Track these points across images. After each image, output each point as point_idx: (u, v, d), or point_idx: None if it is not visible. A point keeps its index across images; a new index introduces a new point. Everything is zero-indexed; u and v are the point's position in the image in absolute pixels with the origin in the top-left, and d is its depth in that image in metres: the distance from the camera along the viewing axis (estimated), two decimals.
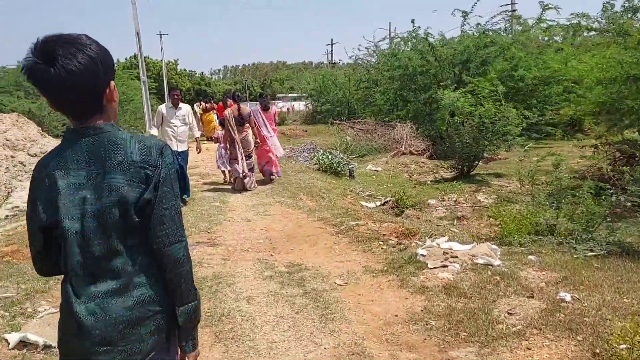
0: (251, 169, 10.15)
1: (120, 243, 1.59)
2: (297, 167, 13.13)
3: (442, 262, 5.16)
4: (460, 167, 12.97)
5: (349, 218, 7.56)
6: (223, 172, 11.00)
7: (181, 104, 8.87)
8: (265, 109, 10.85)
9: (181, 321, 1.68)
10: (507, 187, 11.91)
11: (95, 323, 1.55)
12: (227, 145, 9.98)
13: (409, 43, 19.10)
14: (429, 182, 13.10)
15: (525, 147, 12.27)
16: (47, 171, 1.59)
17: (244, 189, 9.97)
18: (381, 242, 6.31)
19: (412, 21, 18.55)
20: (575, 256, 5.33)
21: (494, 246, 5.52)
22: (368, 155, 16.63)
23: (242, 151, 9.78)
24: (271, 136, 10.69)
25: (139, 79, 29.47)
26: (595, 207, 6.32)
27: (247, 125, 9.96)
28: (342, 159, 13.21)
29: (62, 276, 1.67)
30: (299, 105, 43.38)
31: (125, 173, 1.56)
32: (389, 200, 10.16)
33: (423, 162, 15.33)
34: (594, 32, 11.46)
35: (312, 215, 7.99)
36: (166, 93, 53.80)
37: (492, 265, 5.02)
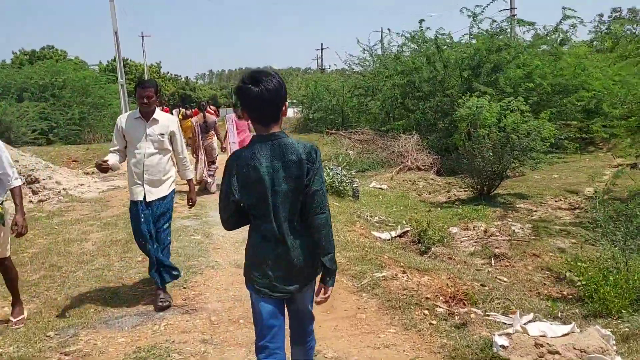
0: (212, 175, 10.78)
1: (293, 211, 2.45)
2: None
3: None
4: (479, 186, 11.22)
5: (372, 266, 5.72)
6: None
7: (158, 112, 4.76)
8: (240, 117, 10.84)
9: (326, 264, 2.49)
10: (536, 211, 10.20)
11: (281, 260, 2.50)
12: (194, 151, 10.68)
13: (412, 45, 17.32)
14: (443, 203, 11.35)
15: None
16: (245, 163, 2.40)
17: (205, 189, 10.58)
18: (426, 311, 4.49)
19: (420, 21, 16.83)
20: None
21: (606, 331, 3.73)
22: (369, 169, 14.82)
23: (205, 157, 10.61)
24: (233, 142, 10.69)
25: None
26: None
27: (212, 132, 10.79)
28: (345, 176, 11.41)
29: None
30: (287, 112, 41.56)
31: (299, 168, 2.39)
32: (407, 231, 8.38)
33: (432, 179, 13.57)
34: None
35: None
36: None
37: None
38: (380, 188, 12.94)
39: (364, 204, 10.98)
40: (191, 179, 5.08)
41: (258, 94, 2.31)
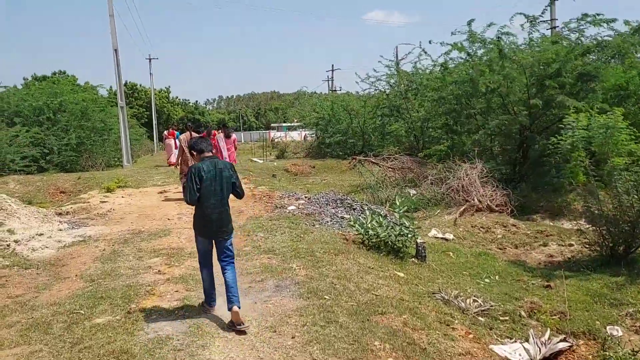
0: None
1: (227, 194, 4.63)
2: (327, 240, 7.29)
3: None
4: (611, 244, 7.17)
5: None
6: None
7: None
8: (227, 136, 12.12)
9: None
10: None
11: (217, 220, 4.56)
12: (180, 165, 11.29)
13: (461, 53, 13.28)
14: (554, 270, 7.28)
15: None
16: (201, 170, 4.42)
17: None
18: None
19: (469, 22, 12.85)
20: None
21: None
22: (419, 209, 10.79)
23: None
24: (224, 158, 11.53)
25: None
26: None
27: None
28: (404, 225, 7.42)
29: None
30: (294, 135, 38.06)
31: (227, 172, 4.59)
32: (562, 352, 4.36)
33: (514, 225, 9.49)
34: None
35: None
36: (154, 121, 47.27)
37: None
38: (444, 238, 8.94)
39: (437, 271, 6.99)
40: None
41: (205, 143, 4.69)
